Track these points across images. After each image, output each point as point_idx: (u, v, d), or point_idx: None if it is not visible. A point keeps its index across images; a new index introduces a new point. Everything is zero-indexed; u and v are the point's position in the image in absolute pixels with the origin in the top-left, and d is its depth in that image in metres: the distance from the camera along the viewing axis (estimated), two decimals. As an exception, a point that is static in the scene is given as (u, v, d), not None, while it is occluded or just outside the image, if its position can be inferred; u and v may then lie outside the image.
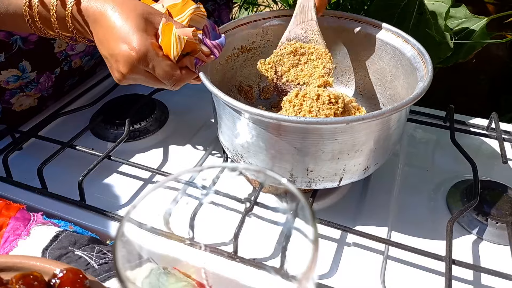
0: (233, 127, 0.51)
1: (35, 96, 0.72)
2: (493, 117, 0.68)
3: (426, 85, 0.49)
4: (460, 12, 0.85)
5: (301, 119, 0.44)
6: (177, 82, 0.51)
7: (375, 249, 0.51)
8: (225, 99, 0.47)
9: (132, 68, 0.48)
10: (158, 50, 0.48)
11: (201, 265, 0.37)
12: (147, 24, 0.48)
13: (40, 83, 0.70)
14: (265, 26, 0.64)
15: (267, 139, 0.48)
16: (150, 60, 0.48)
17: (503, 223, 0.53)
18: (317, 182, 0.51)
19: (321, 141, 0.47)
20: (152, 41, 0.48)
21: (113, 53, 0.48)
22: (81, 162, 0.61)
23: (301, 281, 0.22)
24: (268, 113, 0.45)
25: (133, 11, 0.48)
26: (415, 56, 0.56)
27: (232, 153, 0.54)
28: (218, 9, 0.93)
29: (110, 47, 0.48)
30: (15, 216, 0.48)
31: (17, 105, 0.71)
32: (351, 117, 0.44)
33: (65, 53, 0.71)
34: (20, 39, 0.64)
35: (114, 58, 0.48)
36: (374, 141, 0.49)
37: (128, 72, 0.48)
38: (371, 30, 0.62)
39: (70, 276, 0.33)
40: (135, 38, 0.47)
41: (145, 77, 0.50)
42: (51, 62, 0.70)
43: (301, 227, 0.26)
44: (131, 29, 0.47)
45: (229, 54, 0.63)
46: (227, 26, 0.62)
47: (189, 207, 0.44)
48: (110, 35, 0.48)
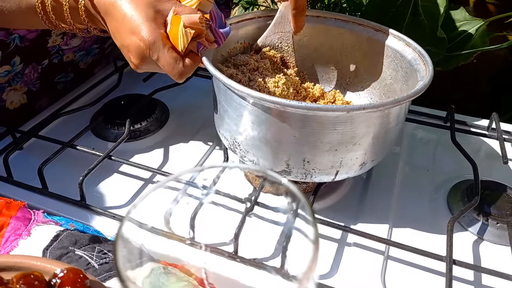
0: (232, 112, 0.51)
1: (22, 90, 0.71)
2: (494, 117, 0.68)
3: (427, 82, 0.49)
4: (459, 14, 0.85)
5: (302, 104, 0.44)
6: (179, 76, 0.51)
7: (376, 249, 0.51)
8: (226, 82, 0.47)
9: (143, 58, 0.48)
10: (165, 41, 0.48)
11: (201, 265, 0.37)
12: (156, 13, 0.48)
13: (25, 75, 0.69)
14: (268, 24, 0.64)
15: (266, 126, 0.48)
16: (155, 50, 0.48)
17: (503, 223, 0.53)
18: (312, 174, 0.51)
19: (321, 130, 0.46)
20: (161, 31, 0.48)
21: (124, 43, 0.49)
22: (82, 162, 0.61)
23: (302, 281, 0.22)
24: (269, 97, 0.45)
25: (141, 0, 0.48)
26: (415, 59, 0.56)
27: (229, 142, 0.54)
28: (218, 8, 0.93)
29: (122, 38, 0.49)
30: (16, 216, 0.48)
31: (9, 102, 0.70)
32: (351, 106, 0.45)
33: (57, 47, 0.71)
34: (18, 38, 0.64)
35: (126, 49, 0.49)
36: (373, 135, 0.49)
37: (140, 63, 0.49)
38: (372, 33, 0.62)
39: (71, 276, 0.33)
40: (143, 29, 0.47)
41: (157, 66, 0.50)
42: (41, 55, 0.70)
43: (301, 227, 0.26)
44: (140, 19, 0.47)
45: (232, 47, 0.63)
46: (231, 20, 0.62)
47: (190, 207, 0.44)
48: (121, 26, 0.48)
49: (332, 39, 0.65)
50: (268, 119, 0.47)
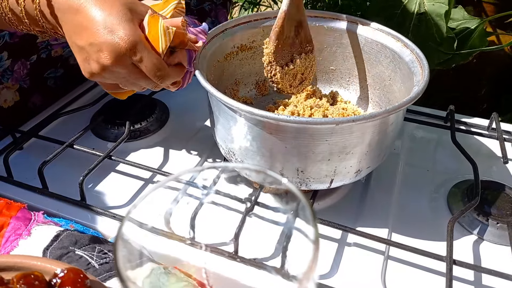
0: (226, 124, 0.51)
1: (14, 87, 0.71)
2: (494, 117, 0.68)
3: (420, 89, 0.48)
4: (457, 13, 0.85)
5: (291, 118, 0.44)
6: (163, 78, 0.48)
7: (376, 249, 0.51)
8: (217, 95, 0.47)
9: (118, 58, 0.45)
10: (146, 42, 0.46)
11: (201, 265, 0.37)
12: (132, 14, 0.46)
13: (15, 71, 0.69)
14: (266, 25, 0.64)
15: (258, 137, 0.48)
16: (139, 51, 0.45)
17: (503, 223, 0.53)
18: (307, 183, 0.51)
19: (312, 142, 0.47)
20: (141, 33, 0.46)
21: (94, 41, 0.45)
22: (82, 162, 0.61)
23: (302, 281, 0.22)
24: (258, 111, 0.45)
25: (116, 1, 0.46)
26: (413, 61, 0.55)
27: (225, 151, 0.55)
28: (215, 9, 0.93)
29: (92, 36, 0.45)
30: (16, 216, 0.48)
31: (2, 100, 0.70)
32: (341, 118, 0.44)
33: (46, 42, 0.70)
34: (8, 34, 0.64)
35: (95, 47, 0.45)
36: (366, 144, 0.49)
37: (113, 63, 0.45)
38: (371, 34, 0.62)
39: (71, 276, 0.33)
40: (122, 28, 0.44)
41: (128, 71, 0.47)
42: (28, 50, 0.69)
43: (301, 227, 0.26)
44: (118, 18, 0.45)
45: (229, 52, 0.63)
46: (227, 24, 0.62)
47: (190, 207, 0.44)
48: (91, 24, 0.45)
49: (331, 40, 0.65)
50: (259, 131, 0.48)
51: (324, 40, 0.66)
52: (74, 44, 0.47)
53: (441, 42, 0.78)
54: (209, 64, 0.57)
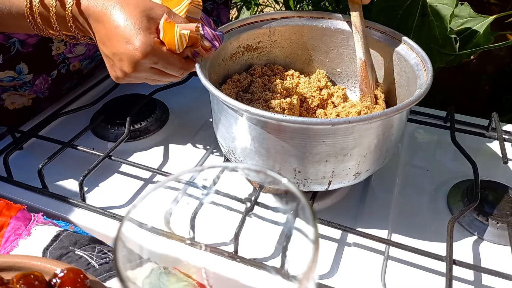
0: (225, 122, 0.51)
1: (30, 96, 0.72)
2: (494, 117, 0.68)
3: (421, 93, 0.48)
4: (464, 11, 0.84)
5: (286, 117, 0.44)
6: (184, 71, 0.53)
7: (376, 249, 0.51)
8: (216, 93, 0.47)
9: (136, 66, 0.49)
10: (160, 47, 0.49)
11: (201, 265, 0.37)
12: (149, 21, 0.49)
13: (35, 85, 0.70)
14: (272, 26, 0.64)
15: (256, 136, 0.48)
16: (155, 56, 0.49)
17: (503, 223, 0.53)
18: (305, 184, 0.51)
19: (308, 142, 0.46)
20: (155, 38, 0.49)
21: (117, 52, 0.49)
22: (82, 162, 0.61)
23: (302, 281, 0.22)
24: (254, 110, 0.45)
25: (134, 9, 0.48)
26: (418, 64, 0.55)
27: (225, 149, 0.55)
28: (217, 9, 0.93)
29: (114, 46, 0.49)
30: (16, 216, 0.48)
31: (9, 102, 0.70)
32: (336, 119, 0.44)
33: (63, 56, 0.71)
34: (19, 42, 0.64)
35: (117, 57, 0.49)
36: (364, 147, 0.48)
37: (132, 71, 0.49)
38: (378, 36, 0.61)
39: (71, 276, 0.33)
40: (138, 38, 0.48)
41: (150, 73, 0.51)
42: (49, 65, 0.70)
43: (301, 227, 0.26)
44: (134, 28, 0.48)
45: (234, 52, 0.63)
46: (233, 24, 0.62)
47: (190, 207, 0.44)
48: (113, 35, 0.48)
49: (338, 41, 0.65)
50: (256, 130, 0.48)
51: (330, 41, 0.66)
52: (103, 52, 0.52)
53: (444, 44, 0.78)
54: (212, 63, 0.57)
